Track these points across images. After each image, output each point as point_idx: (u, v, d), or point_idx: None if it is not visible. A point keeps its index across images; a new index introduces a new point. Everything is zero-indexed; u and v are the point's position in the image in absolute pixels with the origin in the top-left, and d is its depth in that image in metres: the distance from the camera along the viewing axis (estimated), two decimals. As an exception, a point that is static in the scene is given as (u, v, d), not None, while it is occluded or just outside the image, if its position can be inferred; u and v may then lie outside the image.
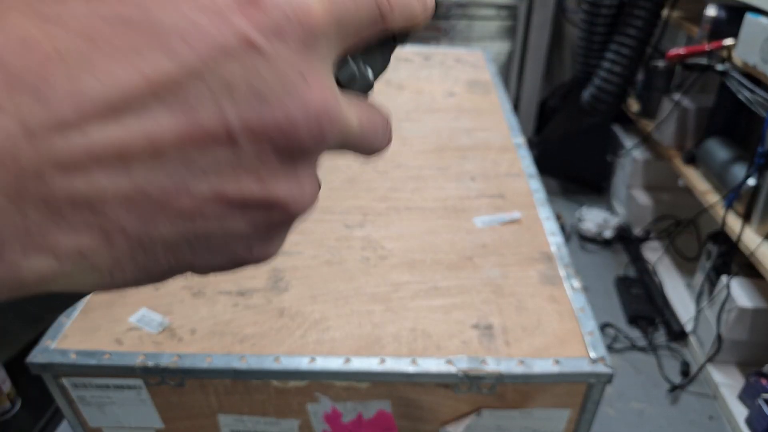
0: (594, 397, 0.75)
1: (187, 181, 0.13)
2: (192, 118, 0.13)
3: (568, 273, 0.89)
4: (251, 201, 0.14)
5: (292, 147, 0.14)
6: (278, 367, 0.73)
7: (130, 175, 0.12)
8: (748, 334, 1.47)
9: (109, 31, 0.12)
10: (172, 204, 0.13)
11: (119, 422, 0.82)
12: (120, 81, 0.12)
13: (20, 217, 0.11)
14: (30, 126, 0.11)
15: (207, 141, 0.13)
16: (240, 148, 0.13)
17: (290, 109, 0.14)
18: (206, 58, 0.12)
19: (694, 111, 1.82)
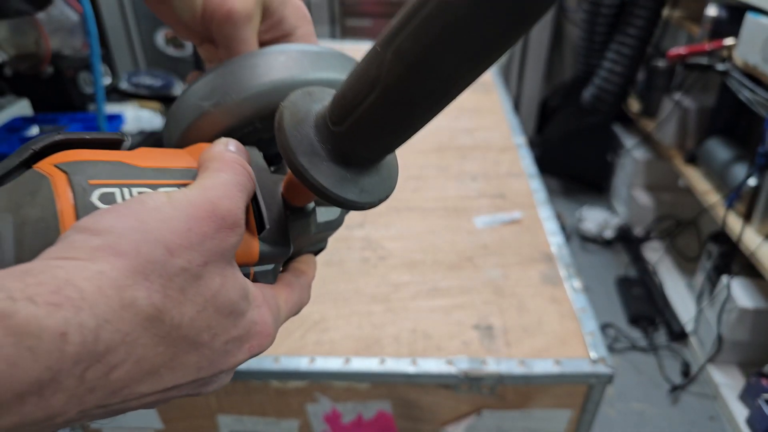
0: (594, 397, 0.75)
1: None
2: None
3: (568, 273, 0.89)
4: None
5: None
6: (278, 367, 0.73)
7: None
8: (749, 334, 1.47)
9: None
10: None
11: (119, 422, 0.81)
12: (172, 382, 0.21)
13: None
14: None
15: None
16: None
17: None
18: (228, 368, 0.23)
19: (695, 111, 1.82)
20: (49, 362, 0.16)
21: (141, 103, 1.70)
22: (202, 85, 0.29)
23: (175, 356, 0.20)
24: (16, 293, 0.16)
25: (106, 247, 0.19)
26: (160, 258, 0.19)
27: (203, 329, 0.21)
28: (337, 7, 2.40)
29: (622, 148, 2.20)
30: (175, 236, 0.20)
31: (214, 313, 0.21)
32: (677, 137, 1.87)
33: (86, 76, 1.67)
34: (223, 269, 0.22)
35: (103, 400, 0.18)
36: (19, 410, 0.16)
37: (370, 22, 2.44)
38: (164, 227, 0.20)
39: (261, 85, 0.28)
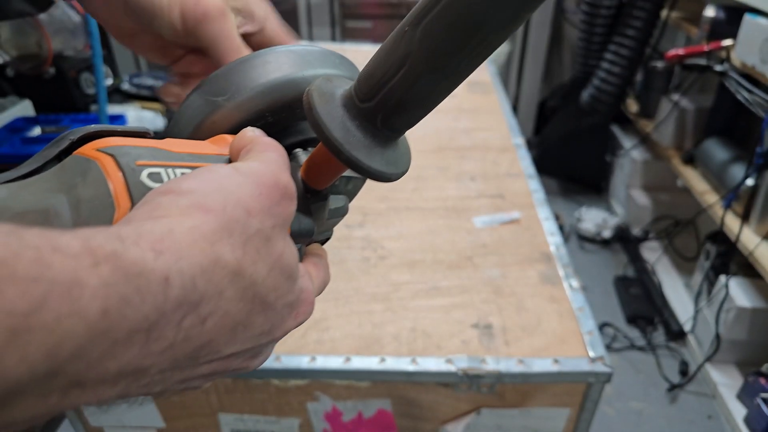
0: (593, 396, 0.76)
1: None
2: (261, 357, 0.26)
3: (567, 273, 0.90)
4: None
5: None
6: (279, 366, 0.73)
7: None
8: (747, 333, 1.47)
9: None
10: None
11: (120, 421, 0.82)
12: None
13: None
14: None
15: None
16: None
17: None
18: (279, 336, 0.25)
19: (693, 111, 1.83)
20: (155, 303, 0.17)
21: (143, 104, 1.71)
22: (210, 82, 0.30)
23: (250, 314, 0.21)
24: (124, 236, 0.17)
25: (195, 205, 0.20)
26: (241, 217, 0.21)
27: (271, 289, 0.22)
28: (338, 9, 2.41)
29: (620, 148, 2.21)
30: (251, 199, 0.21)
31: (279, 274, 0.22)
32: (675, 138, 1.88)
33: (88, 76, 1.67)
34: (285, 235, 0.23)
35: (189, 356, 0.19)
36: (125, 353, 0.16)
37: (370, 24, 2.44)
38: (240, 191, 0.21)
39: (273, 80, 0.29)
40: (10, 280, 0.14)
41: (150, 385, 0.19)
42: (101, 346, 0.16)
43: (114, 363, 0.16)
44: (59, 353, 0.15)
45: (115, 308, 0.16)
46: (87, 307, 0.15)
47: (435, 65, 0.23)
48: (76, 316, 0.15)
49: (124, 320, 0.16)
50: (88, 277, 0.15)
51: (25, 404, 0.15)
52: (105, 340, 0.16)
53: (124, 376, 0.17)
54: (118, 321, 0.16)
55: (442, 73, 0.23)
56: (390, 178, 0.26)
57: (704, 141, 1.71)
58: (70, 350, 0.15)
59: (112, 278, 0.16)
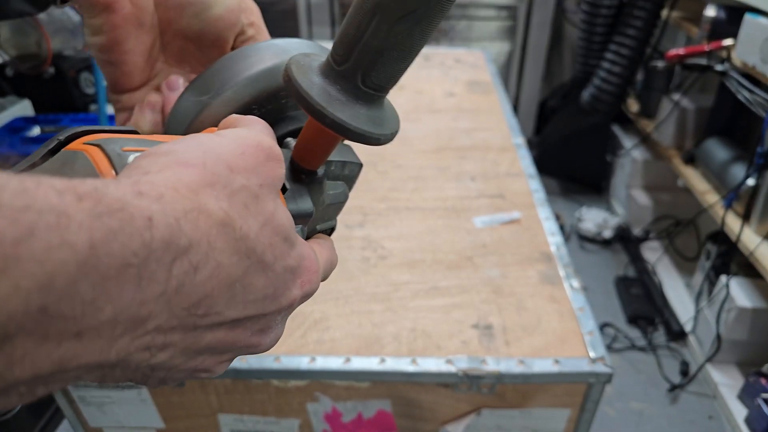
0: (594, 396, 0.76)
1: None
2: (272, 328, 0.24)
3: (567, 273, 0.90)
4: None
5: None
6: (278, 366, 0.73)
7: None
8: (748, 333, 1.47)
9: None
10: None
11: (120, 422, 0.82)
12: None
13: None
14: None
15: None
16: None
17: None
18: (286, 305, 0.24)
19: (694, 111, 1.82)
20: (142, 240, 0.16)
21: (141, 104, 1.70)
22: (197, 83, 0.31)
23: (247, 272, 0.21)
24: (104, 180, 0.17)
25: (175, 161, 0.20)
26: (223, 172, 0.21)
27: (266, 246, 0.21)
28: (337, 8, 2.41)
29: (621, 148, 2.21)
30: (233, 157, 0.21)
31: (273, 233, 0.22)
32: (676, 137, 1.88)
33: (87, 76, 1.67)
34: (275, 197, 0.23)
35: (187, 311, 0.19)
36: (118, 294, 0.16)
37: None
38: (222, 149, 0.21)
39: (255, 72, 0.30)
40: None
41: (152, 350, 0.18)
42: (92, 282, 0.15)
43: (109, 306, 0.16)
44: (51, 287, 0.14)
45: (101, 242, 0.15)
46: (74, 239, 0.15)
47: (405, 9, 0.23)
48: (65, 247, 0.15)
49: (112, 255, 0.16)
50: (73, 210, 0.15)
51: (24, 346, 0.14)
52: (95, 275, 0.15)
53: (121, 325, 0.17)
54: (106, 255, 0.15)
55: (413, 16, 0.23)
56: (379, 139, 0.26)
57: (705, 141, 1.71)
58: (61, 285, 0.15)
59: (95, 211, 0.16)
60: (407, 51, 0.24)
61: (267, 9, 2.36)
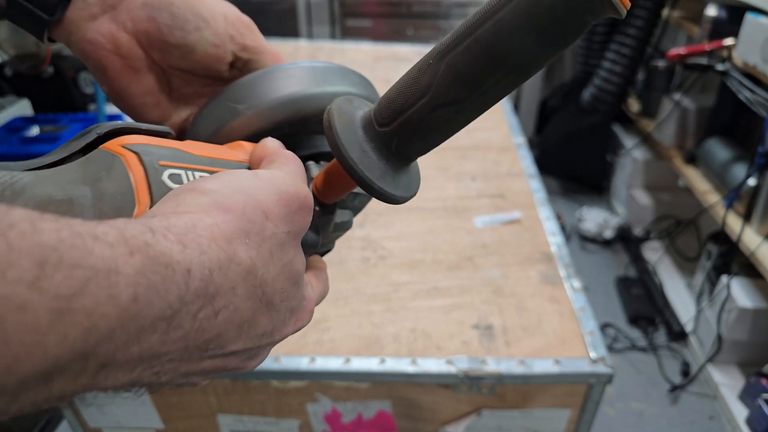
0: (594, 397, 0.75)
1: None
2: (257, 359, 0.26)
3: (568, 273, 0.89)
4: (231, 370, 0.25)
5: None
6: (278, 367, 0.73)
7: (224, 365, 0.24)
8: (749, 334, 1.47)
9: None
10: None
11: (119, 422, 0.81)
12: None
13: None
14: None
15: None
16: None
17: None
18: (278, 339, 0.25)
19: (695, 111, 1.82)
20: (179, 292, 0.18)
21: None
22: (233, 90, 0.32)
23: (256, 313, 0.22)
24: (154, 228, 0.18)
25: (215, 204, 0.21)
26: (258, 219, 0.22)
27: (277, 291, 0.23)
28: (337, 7, 2.40)
29: (621, 148, 2.20)
30: (270, 203, 0.23)
31: (287, 279, 0.23)
32: (677, 137, 1.87)
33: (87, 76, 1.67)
34: (297, 243, 0.24)
35: (199, 347, 0.20)
36: (148, 338, 0.18)
37: (369, 23, 2.44)
38: (260, 194, 0.23)
39: (293, 93, 0.31)
40: (57, 266, 0.15)
41: (159, 374, 0.20)
42: (129, 330, 0.17)
43: (137, 347, 0.17)
44: (94, 335, 0.16)
45: (144, 295, 0.17)
46: (121, 294, 0.16)
47: (455, 98, 0.24)
48: (111, 301, 0.16)
49: (151, 307, 0.17)
50: (123, 265, 0.16)
51: (61, 383, 0.16)
52: (133, 324, 0.17)
53: (142, 361, 0.18)
54: (146, 307, 0.17)
55: (460, 105, 0.25)
56: (398, 201, 0.27)
57: (706, 140, 1.71)
58: (103, 333, 0.16)
59: (143, 267, 0.17)
60: (445, 133, 0.26)
61: (267, 9, 2.35)
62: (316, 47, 1.76)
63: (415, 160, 0.28)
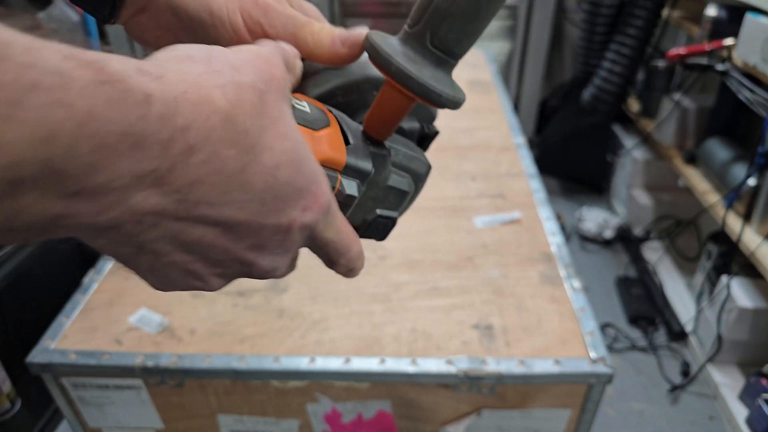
0: (594, 397, 0.75)
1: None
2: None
3: (568, 273, 0.89)
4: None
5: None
6: (278, 367, 0.73)
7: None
8: (749, 334, 1.47)
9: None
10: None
11: (119, 422, 0.81)
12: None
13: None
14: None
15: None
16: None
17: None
18: (285, 224, 0.23)
19: (695, 111, 1.82)
20: (139, 112, 0.17)
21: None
22: None
23: (245, 169, 0.20)
24: (109, 54, 0.18)
25: (181, 56, 0.21)
26: (228, 71, 0.21)
27: (266, 148, 0.21)
28: (338, 7, 2.40)
29: (621, 148, 2.20)
30: (238, 60, 0.22)
31: (277, 138, 0.22)
32: (677, 137, 1.87)
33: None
34: (281, 106, 0.23)
35: (180, 194, 0.19)
36: (115, 162, 0.17)
37: (370, 23, 2.44)
38: (228, 54, 0.22)
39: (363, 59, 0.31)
40: (5, 61, 0.15)
41: (143, 225, 0.19)
42: (91, 145, 0.16)
43: (105, 172, 0.17)
44: (53, 141, 0.15)
45: (100, 110, 0.16)
46: (74, 101, 0.16)
47: None
48: (65, 107, 0.15)
49: (110, 122, 0.16)
50: (76, 74, 0.16)
51: (27, 197, 0.16)
52: (94, 139, 0.16)
53: (115, 193, 0.18)
54: (104, 122, 0.16)
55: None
56: (440, 96, 0.27)
57: (706, 140, 1.71)
58: (63, 143, 0.16)
59: (97, 79, 0.16)
60: (472, 16, 0.26)
61: (267, 9, 2.36)
62: (316, 47, 1.76)
63: (455, 56, 0.28)
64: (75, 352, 0.75)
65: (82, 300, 0.84)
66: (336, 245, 0.27)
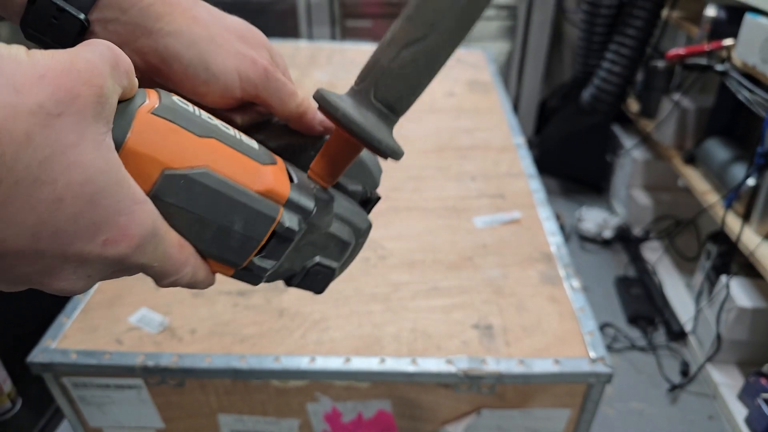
0: (594, 396, 0.76)
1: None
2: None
3: (567, 273, 0.89)
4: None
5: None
6: (278, 366, 0.73)
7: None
8: (748, 333, 1.47)
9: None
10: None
11: (119, 422, 0.82)
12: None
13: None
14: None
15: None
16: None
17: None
18: (73, 257, 0.22)
19: (694, 111, 1.82)
20: None
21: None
22: None
23: (5, 203, 0.19)
24: None
25: None
26: (6, 97, 0.18)
27: (45, 182, 0.19)
28: (337, 8, 2.41)
29: (621, 148, 2.20)
30: (26, 79, 0.19)
31: (65, 169, 0.20)
32: (676, 137, 1.88)
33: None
34: (82, 129, 0.20)
35: None
36: None
37: (369, 23, 2.44)
38: (17, 71, 0.19)
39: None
40: None
41: None
42: None
43: None
44: None
45: None
46: None
47: (410, 38, 0.27)
48: None
49: None
50: None
51: None
52: None
53: None
54: None
55: (417, 45, 0.27)
56: (398, 153, 0.29)
57: (705, 141, 1.71)
58: None
59: None
60: (413, 76, 0.28)
61: (267, 9, 2.36)
62: (316, 48, 1.77)
63: (396, 112, 0.29)
64: (76, 352, 0.75)
65: (83, 300, 0.84)
66: (157, 269, 0.25)
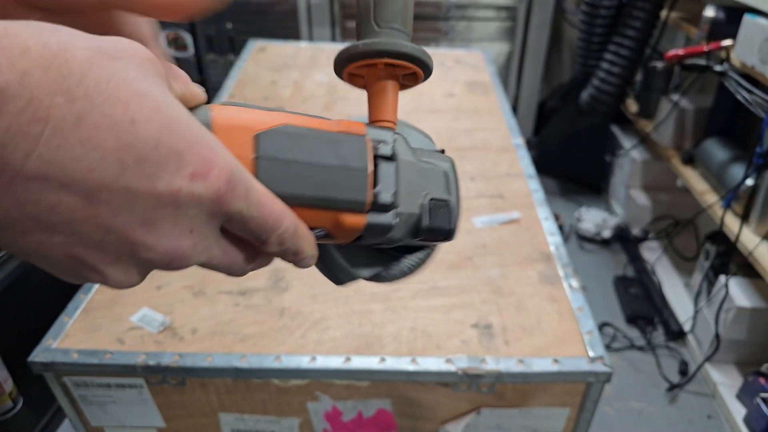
0: (593, 396, 0.76)
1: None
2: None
3: (566, 273, 0.90)
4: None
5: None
6: (279, 366, 0.73)
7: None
8: (746, 333, 1.47)
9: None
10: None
11: (120, 421, 0.82)
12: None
13: None
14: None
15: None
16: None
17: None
18: (165, 195, 0.20)
19: (693, 111, 1.83)
20: None
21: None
22: None
23: (81, 120, 0.17)
24: None
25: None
26: (64, 33, 0.18)
27: (116, 101, 0.18)
28: (338, 9, 2.41)
29: (620, 148, 2.21)
30: (80, 39, 0.18)
31: (133, 95, 0.18)
32: (675, 138, 1.88)
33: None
34: (143, 73, 0.20)
35: (2, 151, 0.16)
36: None
37: (369, 23, 2.44)
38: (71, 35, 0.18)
39: None
40: None
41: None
42: None
43: None
44: None
45: None
46: None
47: None
48: None
49: None
50: None
51: None
52: None
53: None
54: None
55: None
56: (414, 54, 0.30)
57: (704, 141, 1.71)
58: None
59: None
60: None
61: (267, 10, 2.36)
62: (316, 49, 1.77)
63: (407, 29, 0.31)
64: (77, 351, 0.75)
65: (84, 299, 0.84)
66: (258, 221, 0.23)
